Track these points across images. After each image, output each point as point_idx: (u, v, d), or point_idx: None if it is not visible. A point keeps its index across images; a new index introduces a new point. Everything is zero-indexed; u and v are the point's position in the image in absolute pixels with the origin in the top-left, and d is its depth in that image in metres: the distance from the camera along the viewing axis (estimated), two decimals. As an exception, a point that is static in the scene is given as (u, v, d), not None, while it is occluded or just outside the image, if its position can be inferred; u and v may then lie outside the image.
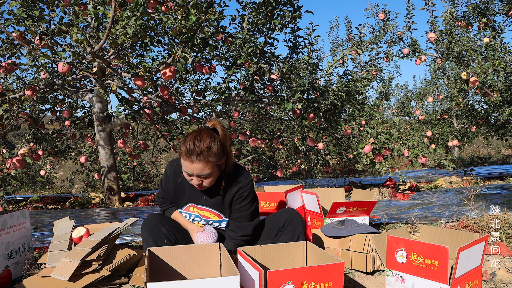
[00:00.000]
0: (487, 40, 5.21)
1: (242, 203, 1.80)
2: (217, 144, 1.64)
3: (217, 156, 1.65)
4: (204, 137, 1.63)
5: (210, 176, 1.68)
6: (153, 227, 1.74)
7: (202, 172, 1.64)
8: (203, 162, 1.62)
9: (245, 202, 1.80)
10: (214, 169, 1.67)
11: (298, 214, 1.87)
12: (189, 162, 1.63)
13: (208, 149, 1.62)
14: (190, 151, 1.61)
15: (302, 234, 1.81)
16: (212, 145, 1.63)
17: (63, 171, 11.13)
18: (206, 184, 1.71)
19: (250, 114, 6.24)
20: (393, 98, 12.86)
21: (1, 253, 2.01)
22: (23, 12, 3.08)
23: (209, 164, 1.63)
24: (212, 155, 1.62)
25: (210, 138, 1.64)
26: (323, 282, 1.38)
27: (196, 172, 1.64)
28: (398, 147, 4.50)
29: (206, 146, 1.61)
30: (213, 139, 1.64)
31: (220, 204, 1.83)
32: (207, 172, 1.65)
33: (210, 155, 1.62)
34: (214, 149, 1.63)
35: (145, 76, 3.37)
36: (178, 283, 1.28)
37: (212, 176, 1.69)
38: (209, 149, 1.62)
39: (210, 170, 1.65)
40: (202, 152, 1.60)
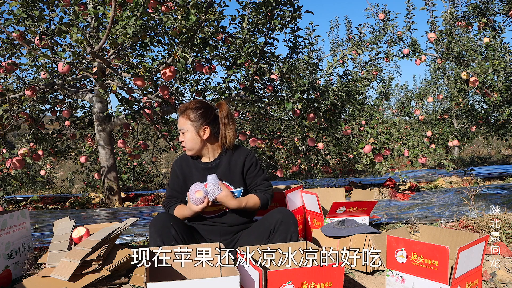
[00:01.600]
0: (487, 40, 5.21)
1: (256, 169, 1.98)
2: (201, 111, 1.92)
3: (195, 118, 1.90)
4: (198, 101, 1.97)
5: (186, 133, 1.92)
6: (162, 227, 1.74)
7: (181, 126, 1.92)
8: (184, 118, 1.92)
9: (258, 167, 1.99)
10: (190, 129, 1.91)
11: (290, 214, 1.84)
12: (179, 115, 1.95)
13: (193, 109, 1.91)
14: (181, 107, 1.95)
15: (295, 234, 1.79)
16: (197, 108, 1.92)
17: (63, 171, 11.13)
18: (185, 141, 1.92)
19: (250, 114, 6.24)
20: (393, 98, 12.86)
21: (1, 253, 2.01)
22: (23, 12, 3.08)
23: (187, 122, 1.90)
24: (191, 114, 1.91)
25: (203, 104, 1.95)
26: (323, 282, 1.38)
27: (179, 126, 1.94)
28: (398, 147, 4.50)
29: (193, 106, 1.93)
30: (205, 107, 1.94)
31: (228, 173, 1.95)
32: (184, 127, 1.91)
33: (190, 114, 1.91)
34: (195, 111, 1.91)
35: (145, 76, 3.37)
36: (178, 283, 1.28)
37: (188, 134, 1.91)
38: (194, 109, 1.91)
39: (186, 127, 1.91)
40: (186, 109, 1.92)
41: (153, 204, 5.08)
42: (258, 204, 1.93)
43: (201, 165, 1.97)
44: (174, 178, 2.01)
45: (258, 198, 1.93)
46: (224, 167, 1.95)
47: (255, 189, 1.98)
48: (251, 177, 1.98)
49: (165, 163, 12.54)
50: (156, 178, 9.94)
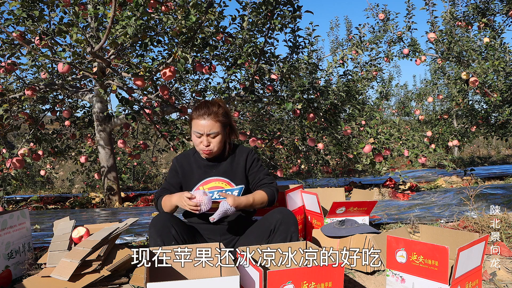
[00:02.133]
0: (487, 40, 5.21)
1: (258, 165, 2.01)
2: (222, 109, 1.92)
3: (224, 116, 1.90)
4: (213, 102, 1.94)
5: (217, 135, 1.89)
6: (162, 227, 1.74)
7: (212, 129, 1.86)
8: (213, 120, 1.87)
9: (259, 163, 2.02)
10: (221, 129, 1.89)
11: (290, 214, 1.84)
12: (201, 119, 1.87)
13: (217, 110, 1.89)
14: (203, 111, 1.88)
15: (295, 234, 1.79)
16: (219, 108, 1.91)
17: (63, 171, 11.13)
18: (214, 145, 1.89)
19: (250, 114, 6.24)
20: (393, 98, 12.86)
21: (1, 253, 2.01)
22: (23, 12, 3.08)
23: (218, 123, 1.88)
24: (219, 115, 1.89)
25: (217, 103, 1.94)
26: (323, 282, 1.38)
27: (206, 130, 1.86)
28: (398, 147, 4.50)
29: (215, 108, 1.90)
30: (219, 106, 1.93)
31: (229, 170, 1.96)
32: (216, 130, 1.87)
33: (218, 115, 1.88)
34: (221, 111, 1.91)
35: (145, 76, 3.37)
36: (178, 283, 1.28)
37: (219, 136, 1.89)
38: (218, 110, 1.89)
39: (219, 129, 1.88)
40: (212, 111, 1.88)
41: (153, 204, 5.08)
42: (265, 199, 1.92)
43: (203, 162, 1.98)
44: (173, 173, 2.01)
45: (265, 192, 1.93)
46: (226, 165, 1.97)
47: (259, 184, 1.99)
48: (254, 173, 1.99)
49: (165, 163, 12.54)
50: (156, 178, 9.94)
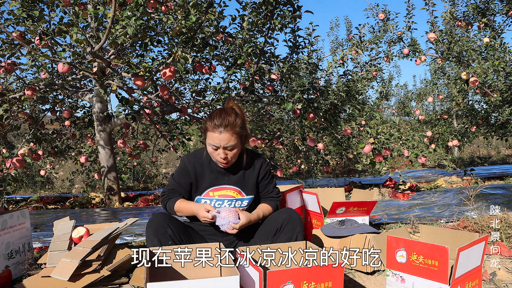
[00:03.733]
0: (487, 40, 5.21)
1: (269, 177, 2.02)
2: (240, 119, 1.83)
3: (241, 128, 1.82)
4: (229, 112, 1.82)
5: (235, 148, 1.82)
6: (158, 227, 1.74)
7: (229, 142, 1.78)
8: (230, 132, 1.78)
9: (270, 176, 2.03)
10: (238, 140, 1.82)
11: (297, 214, 1.87)
12: (217, 133, 1.77)
13: (234, 121, 1.80)
14: (219, 123, 1.78)
15: (300, 234, 1.81)
16: (237, 118, 1.82)
17: (63, 171, 11.13)
18: (231, 156, 1.83)
19: (250, 114, 6.23)
20: (393, 98, 12.87)
21: (1, 253, 2.01)
22: (23, 12, 3.08)
23: (235, 135, 1.80)
24: (237, 127, 1.80)
25: (234, 113, 1.83)
26: (323, 282, 1.38)
27: (223, 143, 1.78)
28: (398, 147, 4.50)
29: (232, 119, 1.80)
30: (236, 115, 1.83)
31: (242, 180, 1.93)
32: (233, 143, 1.80)
33: (236, 126, 1.79)
34: (238, 121, 1.81)
35: (145, 76, 3.37)
36: (178, 283, 1.28)
37: (237, 148, 1.83)
38: (235, 121, 1.80)
39: (236, 141, 1.81)
40: (229, 123, 1.78)
41: (153, 204, 5.08)
42: (271, 212, 1.98)
43: (217, 168, 1.92)
44: (183, 173, 1.93)
45: (271, 206, 1.99)
46: (239, 174, 1.94)
47: (266, 196, 2.02)
48: (264, 185, 2.01)
49: (165, 163, 12.54)
50: (156, 178, 9.94)
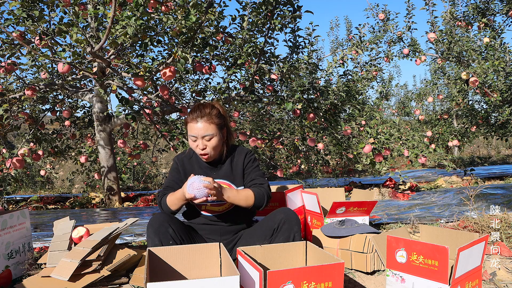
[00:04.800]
0: (487, 40, 5.21)
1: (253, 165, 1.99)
2: (216, 110, 1.90)
3: (218, 117, 1.88)
4: (206, 104, 1.91)
5: (213, 137, 1.86)
6: (159, 227, 1.74)
7: (206, 131, 1.84)
8: (207, 122, 1.85)
9: (255, 163, 2.00)
10: (216, 131, 1.87)
11: (293, 214, 1.84)
12: (194, 123, 1.85)
13: (210, 112, 1.87)
14: (196, 114, 1.86)
15: (297, 234, 1.79)
16: (213, 109, 1.90)
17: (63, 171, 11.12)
18: (210, 147, 1.86)
19: (250, 114, 6.24)
20: (393, 98, 12.88)
21: (1, 253, 2.01)
22: (23, 12, 3.08)
23: (212, 124, 1.85)
24: (214, 116, 1.86)
25: (210, 106, 1.91)
26: (323, 282, 1.38)
27: (201, 133, 1.84)
28: (398, 147, 4.50)
29: (208, 109, 1.88)
30: (212, 107, 1.91)
31: (230, 173, 1.97)
32: (211, 132, 1.85)
33: (212, 116, 1.86)
34: (215, 112, 1.89)
35: (145, 76, 3.37)
36: (178, 283, 1.28)
37: (215, 137, 1.87)
38: (211, 111, 1.87)
39: (214, 131, 1.86)
40: (205, 113, 1.86)
41: (153, 204, 5.08)
42: (251, 197, 1.85)
43: (204, 164, 1.98)
44: (175, 171, 1.99)
45: (252, 191, 1.87)
46: (226, 167, 1.98)
47: (249, 184, 1.96)
48: (248, 173, 1.99)
49: (165, 163, 12.54)
50: (156, 178, 9.94)
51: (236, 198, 1.83)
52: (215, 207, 1.95)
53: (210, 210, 1.95)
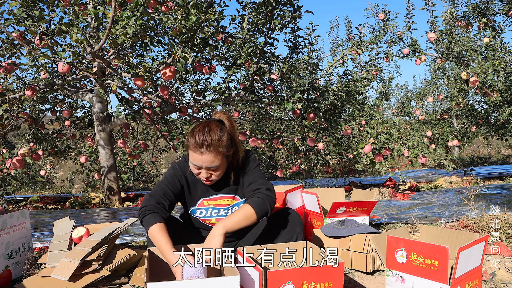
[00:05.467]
0: (487, 40, 5.21)
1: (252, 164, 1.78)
2: (226, 135, 1.63)
3: (227, 147, 1.63)
4: (213, 128, 1.62)
5: (219, 169, 1.66)
6: None
7: (212, 164, 1.61)
8: (213, 153, 1.59)
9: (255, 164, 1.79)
10: (223, 160, 1.65)
11: (296, 215, 1.83)
12: (198, 153, 1.59)
13: (218, 140, 1.60)
14: (200, 142, 1.58)
15: (300, 235, 1.77)
16: (221, 136, 1.62)
17: (63, 171, 11.12)
18: (215, 177, 1.68)
19: (250, 114, 6.24)
20: (393, 98, 12.88)
21: (1, 253, 2.01)
22: (23, 12, 3.08)
23: (219, 156, 1.61)
24: (222, 146, 1.61)
25: (219, 129, 1.63)
26: (323, 282, 1.38)
27: (205, 164, 1.61)
28: (398, 147, 4.50)
29: (216, 137, 1.60)
30: (221, 131, 1.63)
31: (234, 189, 1.80)
32: (217, 164, 1.62)
33: (220, 146, 1.60)
34: (224, 140, 1.62)
35: (145, 76, 3.37)
36: (178, 283, 1.28)
37: (221, 168, 1.66)
38: (219, 140, 1.60)
39: (220, 162, 1.63)
40: (212, 143, 1.58)
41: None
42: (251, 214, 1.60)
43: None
44: (175, 179, 1.75)
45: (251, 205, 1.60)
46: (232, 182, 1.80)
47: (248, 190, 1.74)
48: (246, 176, 1.78)
49: (165, 163, 12.54)
50: (156, 178, 9.94)
51: (235, 225, 1.58)
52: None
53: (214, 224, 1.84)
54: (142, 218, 1.62)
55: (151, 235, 1.56)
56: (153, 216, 1.60)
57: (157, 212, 1.62)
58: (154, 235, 1.54)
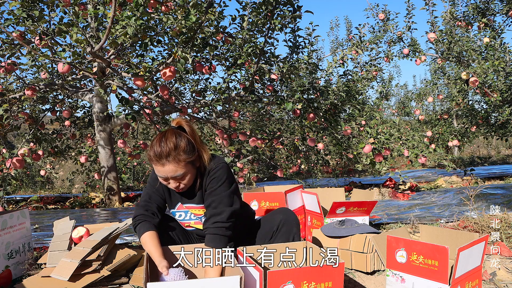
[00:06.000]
0: (487, 40, 5.21)
1: (213, 184, 1.65)
2: (184, 141, 1.59)
3: (187, 153, 1.58)
4: (169, 137, 1.58)
5: (185, 176, 1.60)
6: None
7: (176, 173, 1.57)
8: (174, 162, 1.56)
9: (218, 184, 1.65)
10: (187, 167, 1.59)
11: (292, 215, 1.81)
12: (160, 166, 1.56)
13: (176, 148, 1.56)
14: (159, 154, 1.55)
15: (297, 235, 1.77)
16: (179, 142, 1.57)
17: (63, 171, 11.12)
18: (184, 185, 1.63)
19: (250, 114, 6.24)
20: (393, 98, 12.89)
21: (1, 253, 2.01)
22: (23, 12, 3.08)
23: (181, 163, 1.57)
24: (181, 153, 1.56)
25: (175, 136, 1.59)
26: (323, 282, 1.38)
27: (170, 175, 1.57)
28: (398, 147, 4.50)
29: (173, 145, 1.56)
30: (178, 137, 1.59)
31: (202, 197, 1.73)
32: (181, 172, 1.58)
33: (179, 154, 1.56)
34: (182, 146, 1.57)
35: (145, 76, 3.37)
36: (179, 283, 1.28)
37: (188, 175, 1.61)
38: (176, 148, 1.56)
39: (184, 170, 1.58)
40: (170, 152, 1.55)
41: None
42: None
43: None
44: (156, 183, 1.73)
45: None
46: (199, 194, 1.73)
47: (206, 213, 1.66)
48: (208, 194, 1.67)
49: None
50: (156, 178, 9.92)
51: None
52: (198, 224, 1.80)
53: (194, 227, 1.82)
54: (135, 228, 1.67)
55: (142, 244, 1.61)
56: (142, 225, 1.64)
57: (146, 221, 1.65)
58: (144, 244, 1.60)
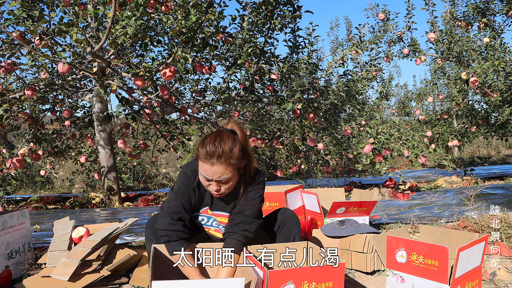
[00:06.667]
0: (487, 40, 5.21)
1: (252, 194, 1.67)
2: (238, 146, 1.56)
3: (238, 159, 1.55)
4: (224, 139, 1.54)
5: (229, 181, 1.57)
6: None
7: (222, 176, 1.53)
8: (224, 165, 1.52)
9: (256, 195, 1.67)
10: (234, 172, 1.57)
11: (293, 215, 1.80)
12: (209, 164, 1.52)
13: (230, 151, 1.52)
14: (211, 152, 1.51)
15: (298, 235, 1.76)
16: (233, 147, 1.54)
17: (63, 171, 11.12)
18: (225, 190, 1.59)
19: (250, 114, 6.23)
20: (393, 98, 12.87)
21: (1, 253, 2.01)
22: (23, 12, 3.08)
23: (230, 167, 1.53)
24: (233, 158, 1.53)
25: (231, 139, 1.55)
26: (323, 282, 1.38)
27: (215, 177, 1.53)
28: (398, 147, 4.50)
29: (228, 147, 1.52)
30: (234, 141, 1.56)
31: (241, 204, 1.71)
32: (227, 176, 1.54)
33: (231, 158, 1.53)
34: (235, 151, 1.54)
35: (145, 76, 3.37)
36: (184, 282, 1.28)
37: (232, 181, 1.58)
38: (231, 151, 1.52)
39: (230, 174, 1.55)
40: (223, 154, 1.51)
41: (153, 204, 5.08)
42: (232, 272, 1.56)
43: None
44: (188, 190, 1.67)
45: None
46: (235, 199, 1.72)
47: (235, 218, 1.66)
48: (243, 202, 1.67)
49: (165, 163, 12.54)
50: (156, 178, 9.93)
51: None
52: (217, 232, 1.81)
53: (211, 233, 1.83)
54: (167, 242, 1.61)
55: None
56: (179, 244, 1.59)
57: (183, 239, 1.61)
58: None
